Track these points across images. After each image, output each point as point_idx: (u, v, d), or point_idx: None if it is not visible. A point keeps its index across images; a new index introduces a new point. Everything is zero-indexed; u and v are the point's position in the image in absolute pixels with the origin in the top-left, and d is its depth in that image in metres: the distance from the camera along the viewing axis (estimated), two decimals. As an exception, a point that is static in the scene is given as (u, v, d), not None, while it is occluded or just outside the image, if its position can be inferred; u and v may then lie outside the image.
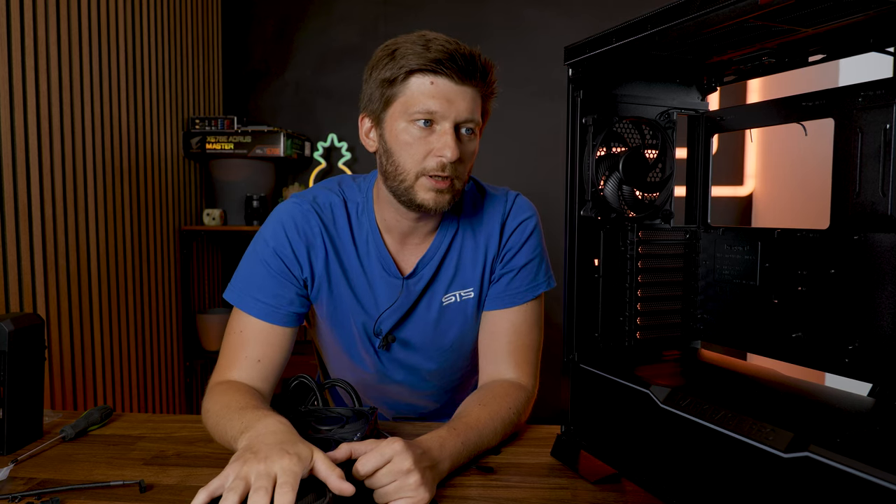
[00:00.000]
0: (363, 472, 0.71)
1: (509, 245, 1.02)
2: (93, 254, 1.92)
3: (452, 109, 0.88)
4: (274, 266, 0.97)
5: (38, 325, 0.91)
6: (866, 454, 0.47)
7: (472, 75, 0.88)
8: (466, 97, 0.88)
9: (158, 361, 2.32)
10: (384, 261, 1.01)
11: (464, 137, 0.90)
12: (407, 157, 0.90)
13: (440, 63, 0.86)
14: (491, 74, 0.91)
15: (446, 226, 1.02)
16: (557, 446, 0.85)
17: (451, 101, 0.87)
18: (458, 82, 0.87)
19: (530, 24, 2.68)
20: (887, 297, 0.62)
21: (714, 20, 0.58)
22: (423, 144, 0.89)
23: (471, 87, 0.89)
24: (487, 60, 0.91)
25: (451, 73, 0.86)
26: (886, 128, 0.61)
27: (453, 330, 1.05)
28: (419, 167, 0.89)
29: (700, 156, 0.87)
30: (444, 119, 0.88)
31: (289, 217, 0.99)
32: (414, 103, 0.88)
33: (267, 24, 2.81)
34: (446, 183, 0.90)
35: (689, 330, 0.87)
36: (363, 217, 1.02)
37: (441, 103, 0.87)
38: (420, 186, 0.90)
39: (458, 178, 0.92)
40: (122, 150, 2.07)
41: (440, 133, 0.88)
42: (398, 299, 1.01)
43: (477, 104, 0.91)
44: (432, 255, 1.02)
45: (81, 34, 1.86)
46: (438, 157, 0.88)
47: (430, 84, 0.87)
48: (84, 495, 0.75)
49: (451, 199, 0.93)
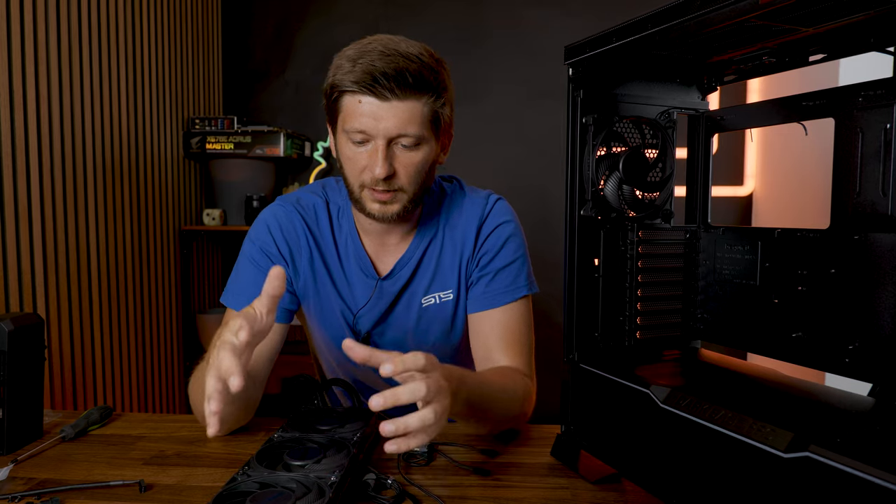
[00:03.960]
0: (393, 369, 0.66)
1: (486, 248, 1.03)
2: (93, 254, 1.92)
3: (381, 127, 0.87)
4: (261, 263, 1.00)
5: (38, 325, 0.91)
6: (866, 454, 0.47)
7: (402, 89, 0.85)
8: (397, 113, 0.86)
9: (158, 361, 2.32)
10: (361, 261, 1.03)
11: (400, 151, 0.90)
12: (349, 170, 0.93)
13: (364, 84, 0.85)
14: (432, 82, 0.87)
15: (426, 227, 1.03)
16: (557, 446, 0.85)
17: (378, 119, 0.86)
18: (386, 99, 0.85)
19: (530, 24, 2.68)
20: (887, 297, 0.62)
21: (714, 20, 0.58)
22: (359, 159, 0.91)
23: (403, 100, 0.86)
24: (426, 67, 0.87)
25: (381, 90, 0.85)
26: (887, 128, 0.61)
27: (433, 331, 1.06)
28: (359, 180, 0.92)
29: (700, 155, 0.87)
30: (374, 137, 0.88)
31: (273, 218, 1.02)
32: (347, 121, 0.89)
33: (267, 24, 2.81)
34: (388, 195, 0.91)
35: (689, 330, 0.87)
36: (343, 219, 1.04)
37: (369, 122, 0.87)
38: (365, 197, 0.93)
39: (401, 191, 0.92)
40: (122, 150, 2.07)
41: (371, 151, 0.89)
42: (370, 299, 1.03)
43: (415, 115, 0.87)
44: (410, 257, 1.03)
45: (81, 34, 1.86)
46: (370, 174, 0.89)
47: (359, 103, 0.87)
48: (84, 495, 0.75)
49: (402, 209, 0.93)
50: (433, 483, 0.78)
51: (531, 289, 1.05)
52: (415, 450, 0.85)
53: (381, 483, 0.76)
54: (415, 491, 0.75)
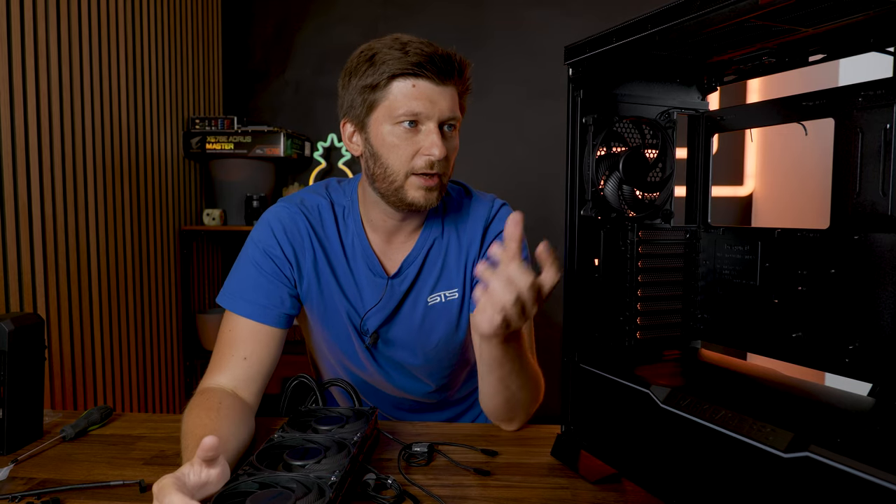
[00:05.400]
0: (520, 279, 0.73)
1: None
2: (93, 254, 1.92)
3: (436, 109, 0.91)
4: (265, 266, 0.99)
5: (38, 325, 0.91)
6: (866, 454, 0.47)
7: (450, 75, 0.92)
8: (447, 96, 0.92)
9: (158, 361, 2.32)
10: (370, 261, 1.03)
11: (447, 134, 0.94)
12: (395, 158, 0.93)
13: (421, 66, 0.89)
14: (466, 72, 0.95)
15: (430, 224, 1.05)
16: (557, 446, 0.85)
17: (433, 102, 0.91)
18: (438, 83, 0.91)
19: (530, 25, 2.68)
20: (887, 296, 0.62)
21: (714, 20, 0.58)
22: (409, 145, 0.92)
23: (450, 86, 0.93)
24: (463, 59, 0.94)
25: (432, 74, 0.90)
26: (886, 128, 0.61)
27: (438, 330, 1.06)
28: (408, 167, 0.93)
29: (700, 156, 0.87)
30: (428, 119, 0.91)
31: (276, 219, 1.01)
32: (398, 106, 0.91)
33: (267, 24, 2.81)
34: (435, 180, 0.94)
35: (689, 330, 0.87)
36: (349, 219, 1.04)
37: (424, 104, 0.90)
38: (410, 185, 0.94)
39: (444, 175, 0.95)
40: (122, 150, 2.07)
41: (426, 133, 0.92)
42: (382, 298, 1.03)
43: (455, 101, 0.94)
44: (416, 254, 1.04)
45: (81, 34, 1.86)
46: (427, 156, 0.92)
47: (413, 87, 0.91)
48: (84, 495, 0.75)
49: (440, 195, 0.96)
50: (433, 483, 0.78)
51: None
52: (415, 450, 0.85)
53: (381, 483, 0.76)
54: (415, 491, 0.76)
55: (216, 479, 0.65)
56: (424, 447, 0.85)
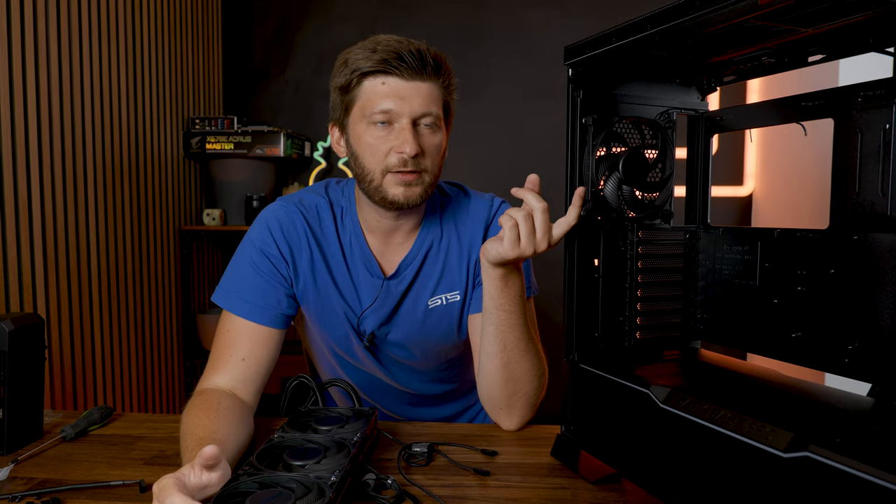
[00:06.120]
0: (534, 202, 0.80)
1: None
2: (93, 254, 1.92)
3: (406, 106, 0.90)
4: (262, 266, 0.99)
5: (38, 325, 0.91)
6: (866, 454, 0.47)
7: (422, 70, 0.90)
8: (420, 92, 0.91)
9: (158, 361, 2.32)
10: (367, 261, 1.02)
11: (424, 131, 0.93)
12: (370, 157, 0.93)
13: (387, 63, 0.88)
14: (444, 66, 0.93)
15: (428, 225, 1.04)
16: (557, 446, 0.85)
17: (404, 98, 0.90)
18: (409, 79, 0.90)
19: (530, 25, 2.68)
20: (887, 297, 0.62)
21: (714, 20, 0.58)
22: (383, 143, 0.91)
23: (424, 81, 0.91)
24: (438, 54, 0.92)
25: (401, 70, 0.89)
26: (886, 128, 0.61)
27: (439, 331, 1.06)
28: (383, 165, 0.92)
29: (700, 156, 0.87)
30: (400, 116, 0.90)
31: (274, 218, 1.01)
32: (370, 105, 0.91)
33: (267, 24, 2.81)
34: (413, 176, 0.92)
35: (689, 330, 0.87)
36: (346, 219, 1.04)
37: (395, 101, 0.89)
38: (388, 183, 0.93)
39: (426, 172, 0.94)
40: (122, 150, 2.07)
41: (399, 130, 0.91)
42: (377, 299, 1.03)
43: (434, 98, 0.92)
44: (414, 255, 1.03)
45: (81, 34, 1.86)
46: (399, 154, 0.91)
47: (382, 84, 0.90)
48: (84, 495, 0.75)
49: (424, 192, 0.95)
50: (433, 483, 0.78)
51: (533, 290, 1.05)
52: (415, 450, 0.85)
53: (381, 483, 0.76)
54: (415, 491, 0.76)
55: (217, 481, 0.65)
56: (424, 447, 0.85)
